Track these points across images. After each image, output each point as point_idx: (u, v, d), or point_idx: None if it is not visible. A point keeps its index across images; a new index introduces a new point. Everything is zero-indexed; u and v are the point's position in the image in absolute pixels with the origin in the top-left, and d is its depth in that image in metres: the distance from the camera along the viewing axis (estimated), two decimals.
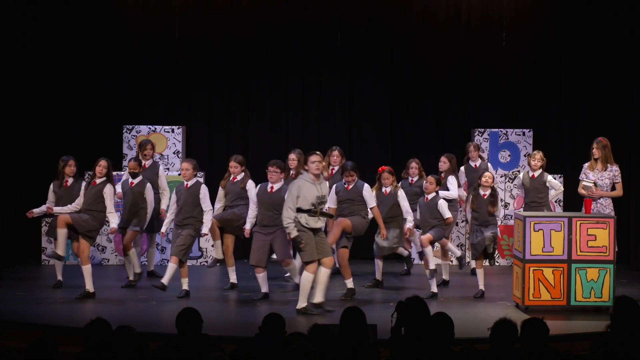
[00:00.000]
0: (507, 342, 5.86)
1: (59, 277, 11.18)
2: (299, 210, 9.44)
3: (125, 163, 13.18)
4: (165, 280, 10.48)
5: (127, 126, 13.33)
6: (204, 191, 10.74)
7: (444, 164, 11.78)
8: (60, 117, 13.58)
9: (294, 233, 9.46)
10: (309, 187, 9.49)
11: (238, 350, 5.79)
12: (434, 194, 10.69)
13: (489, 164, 12.52)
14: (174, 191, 10.78)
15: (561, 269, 9.78)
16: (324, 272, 9.63)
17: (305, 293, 9.62)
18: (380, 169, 11.02)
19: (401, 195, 10.85)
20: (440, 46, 13.80)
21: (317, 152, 9.77)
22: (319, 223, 9.62)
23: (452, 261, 11.96)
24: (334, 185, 10.88)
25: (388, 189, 10.89)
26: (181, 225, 10.63)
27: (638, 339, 6.04)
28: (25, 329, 8.79)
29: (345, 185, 10.72)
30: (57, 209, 10.67)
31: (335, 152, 11.88)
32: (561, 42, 13.73)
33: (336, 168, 11.79)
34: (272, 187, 10.42)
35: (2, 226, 12.39)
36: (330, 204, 10.60)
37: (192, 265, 12.86)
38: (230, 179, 11.02)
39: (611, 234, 9.80)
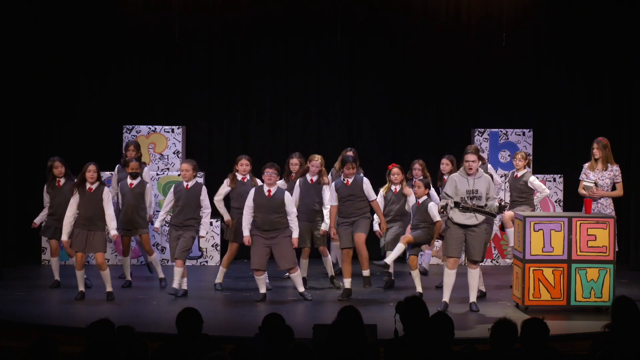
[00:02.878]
0: (507, 342, 5.86)
1: (56, 277, 11.18)
2: (456, 204, 9.71)
3: None
4: (176, 284, 10.52)
5: (127, 126, 13.33)
6: (204, 192, 10.73)
7: (446, 165, 11.27)
8: (60, 117, 13.56)
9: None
10: (461, 180, 9.80)
11: (238, 350, 5.79)
12: (425, 197, 10.53)
13: (489, 165, 12.41)
14: (172, 191, 10.76)
15: (561, 269, 9.78)
16: (470, 274, 9.94)
17: (447, 290, 9.89)
18: (390, 165, 10.97)
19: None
20: (440, 46, 13.80)
21: (472, 151, 10.13)
22: (470, 220, 9.74)
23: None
24: (333, 183, 10.71)
25: (397, 187, 10.85)
26: (181, 226, 10.61)
27: (638, 339, 6.04)
28: (25, 329, 8.80)
29: (345, 181, 10.58)
30: (65, 234, 10.41)
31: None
32: (561, 42, 13.72)
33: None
34: (269, 191, 10.32)
35: (2, 226, 12.38)
36: (332, 201, 10.58)
37: (192, 265, 12.86)
38: (240, 179, 10.93)
39: (611, 234, 9.80)
